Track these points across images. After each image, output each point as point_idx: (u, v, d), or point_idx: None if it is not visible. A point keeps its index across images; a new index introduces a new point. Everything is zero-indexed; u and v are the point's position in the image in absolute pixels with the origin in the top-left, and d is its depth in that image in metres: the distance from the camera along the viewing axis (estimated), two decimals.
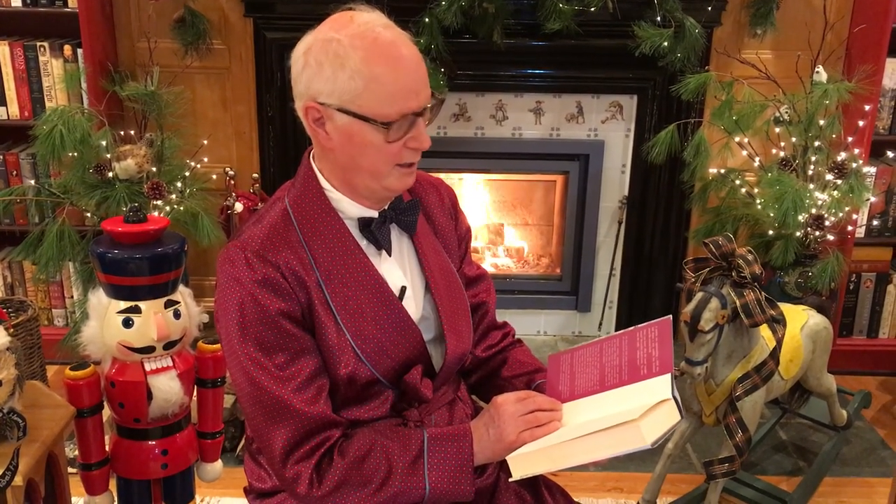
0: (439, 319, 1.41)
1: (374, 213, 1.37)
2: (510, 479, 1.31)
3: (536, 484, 1.49)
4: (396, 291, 1.37)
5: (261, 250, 1.29)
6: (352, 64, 1.23)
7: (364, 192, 1.35)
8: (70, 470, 1.86)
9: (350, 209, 1.36)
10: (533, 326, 3.52)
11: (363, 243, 1.36)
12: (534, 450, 1.28)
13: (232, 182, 3.06)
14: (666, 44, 2.81)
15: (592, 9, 2.83)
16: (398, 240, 1.41)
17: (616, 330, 3.49)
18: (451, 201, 1.54)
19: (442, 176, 3.30)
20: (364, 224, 1.36)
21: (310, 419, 1.28)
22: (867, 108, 2.89)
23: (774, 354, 2.12)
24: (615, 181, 3.32)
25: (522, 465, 1.30)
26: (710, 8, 2.95)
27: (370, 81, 1.23)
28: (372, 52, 1.24)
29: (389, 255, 1.39)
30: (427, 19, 2.84)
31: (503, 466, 1.41)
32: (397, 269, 1.40)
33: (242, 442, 2.53)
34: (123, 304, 1.78)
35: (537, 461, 1.29)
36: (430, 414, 1.41)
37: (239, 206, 3.01)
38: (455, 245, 1.52)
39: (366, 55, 1.23)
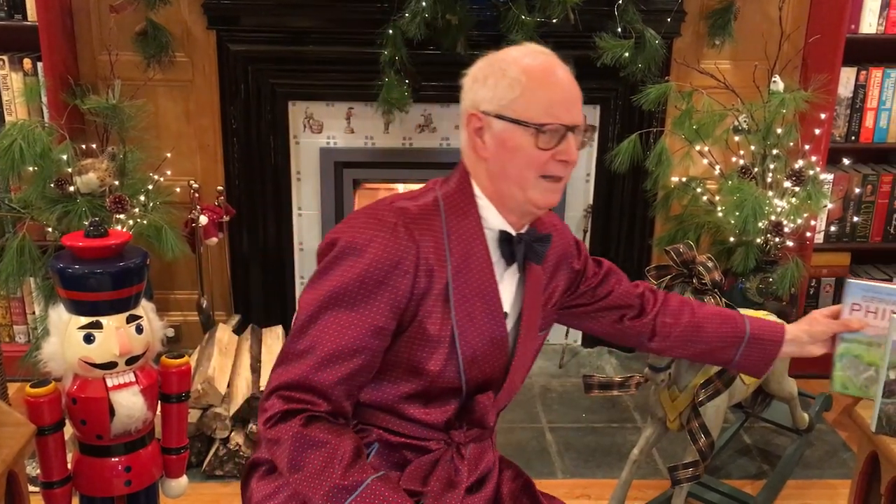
0: (513, 353, 1.46)
1: (513, 233, 1.43)
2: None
3: (535, 498, 1.52)
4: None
5: (412, 224, 1.35)
6: (512, 73, 1.36)
7: (510, 205, 1.41)
8: (32, 489, 1.84)
9: (494, 220, 1.42)
10: None
11: (494, 256, 1.42)
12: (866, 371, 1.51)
13: (196, 195, 3.04)
14: (627, 54, 2.85)
15: (554, 20, 2.85)
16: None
17: (582, 339, 3.52)
18: (577, 247, 1.66)
19: (407, 186, 3.32)
20: (503, 238, 1.42)
21: (313, 383, 1.32)
22: (823, 116, 2.95)
23: None
24: (580, 190, 3.36)
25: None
26: (669, 19, 3.00)
27: (526, 89, 1.35)
28: (530, 65, 1.37)
29: (516, 273, 1.46)
30: (391, 31, 2.85)
31: (502, 479, 1.49)
32: (507, 291, 1.45)
33: (209, 457, 2.50)
34: (84, 320, 1.76)
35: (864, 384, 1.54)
36: (467, 444, 1.45)
37: (203, 219, 2.99)
38: (555, 291, 1.58)
39: (525, 67, 1.36)
